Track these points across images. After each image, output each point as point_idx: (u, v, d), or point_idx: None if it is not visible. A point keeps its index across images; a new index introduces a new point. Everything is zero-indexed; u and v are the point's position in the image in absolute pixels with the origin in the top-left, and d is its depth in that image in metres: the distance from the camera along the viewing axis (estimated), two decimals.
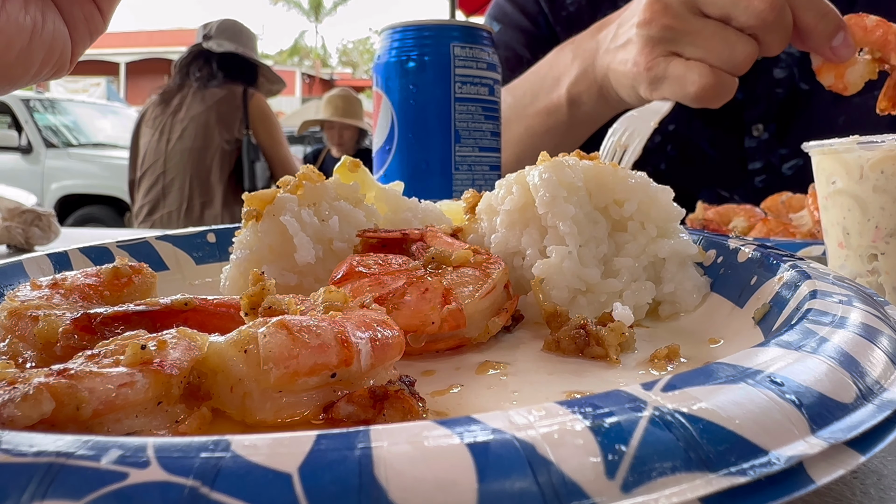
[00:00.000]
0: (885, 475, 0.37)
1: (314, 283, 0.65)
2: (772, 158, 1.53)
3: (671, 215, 0.65)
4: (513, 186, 0.66)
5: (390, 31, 1.15)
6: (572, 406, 0.27)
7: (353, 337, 0.39)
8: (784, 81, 1.49)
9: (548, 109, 1.38)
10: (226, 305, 0.49)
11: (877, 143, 0.63)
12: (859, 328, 0.37)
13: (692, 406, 0.27)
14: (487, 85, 1.14)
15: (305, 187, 0.68)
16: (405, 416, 0.38)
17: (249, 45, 3.53)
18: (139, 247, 0.79)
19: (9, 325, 0.47)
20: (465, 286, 0.55)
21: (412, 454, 0.24)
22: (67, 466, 0.23)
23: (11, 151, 6.46)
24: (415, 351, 0.52)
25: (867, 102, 1.46)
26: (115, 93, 18.77)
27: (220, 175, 3.32)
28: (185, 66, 3.40)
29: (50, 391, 0.31)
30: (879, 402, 0.31)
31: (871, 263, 0.65)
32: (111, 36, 28.98)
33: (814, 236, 1.06)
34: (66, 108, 7.12)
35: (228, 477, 0.23)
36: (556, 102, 1.35)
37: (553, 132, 1.38)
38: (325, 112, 4.65)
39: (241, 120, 3.34)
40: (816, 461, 0.26)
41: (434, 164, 1.12)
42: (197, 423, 0.36)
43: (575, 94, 1.30)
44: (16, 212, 1.33)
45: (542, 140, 1.40)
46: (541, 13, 1.67)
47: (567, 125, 1.36)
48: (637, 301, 0.62)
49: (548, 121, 1.38)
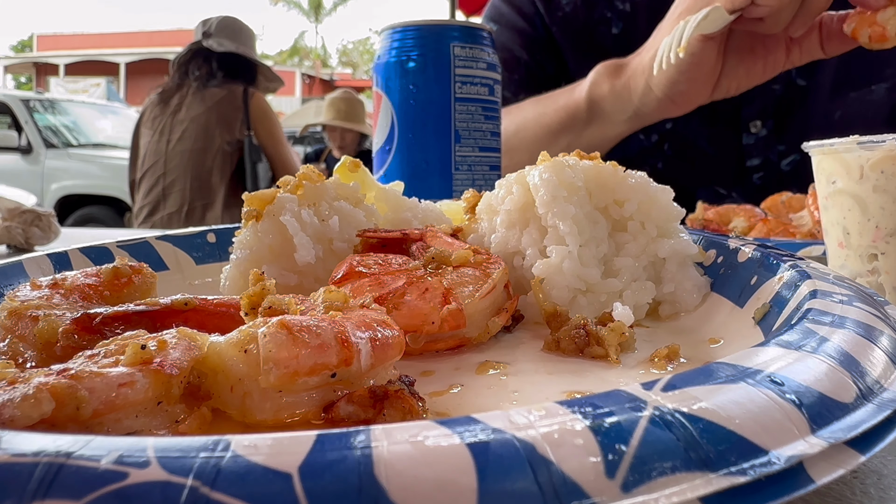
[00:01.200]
0: (885, 475, 0.37)
1: (314, 283, 0.65)
2: (770, 155, 1.53)
3: (671, 215, 0.65)
4: (513, 186, 0.66)
5: (390, 31, 1.15)
6: (572, 406, 0.27)
7: (353, 337, 0.39)
8: (781, 78, 1.49)
9: (567, 107, 1.39)
10: (226, 305, 0.49)
11: (877, 143, 0.63)
12: (859, 328, 0.37)
13: (692, 406, 0.27)
14: (487, 85, 1.14)
15: (305, 187, 0.68)
16: (405, 416, 0.38)
17: (249, 43, 3.51)
18: (139, 247, 0.79)
19: (9, 325, 0.47)
20: (465, 286, 0.55)
21: (412, 454, 0.24)
22: (67, 466, 0.23)
23: (11, 152, 6.45)
24: (415, 351, 0.52)
25: (864, 97, 1.46)
26: (115, 93, 18.77)
27: (220, 177, 3.31)
28: (184, 65, 3.39)
29: (50, 391, 0.31)
30: (879, 402, 0.31)
31: (871, 263, 0.65)
32: (111, 36, 28.98)
33: (814, 236, 1.06)
34: (66, 108, 7.12)
35: (228, 477, 0.23)
36: (576, 100, 1.37)
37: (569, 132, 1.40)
38: (328, 115, 4.63)
39: (242, 120, 3.33)
40: (816, 461, 0.26)
41: (434, 164, 1.12)
42: (197, 423, 0.36)
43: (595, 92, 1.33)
44: (16, 212, 1.33)
45: (558, 139, 1.41)
46: (537, 14, 1.68)
47: (585, 124, 1.37)
48: (637, 301, 0.62)
49: (566, 119, 1.40)
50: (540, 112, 1.47)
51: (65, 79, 23.87)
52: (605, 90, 1.31)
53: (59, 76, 24.36)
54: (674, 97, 1.18)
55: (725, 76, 1.14)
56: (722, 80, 1.14)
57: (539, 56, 1.69)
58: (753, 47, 1.11)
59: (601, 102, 1.33)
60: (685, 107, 1.20)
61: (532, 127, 1.46)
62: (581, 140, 1.39)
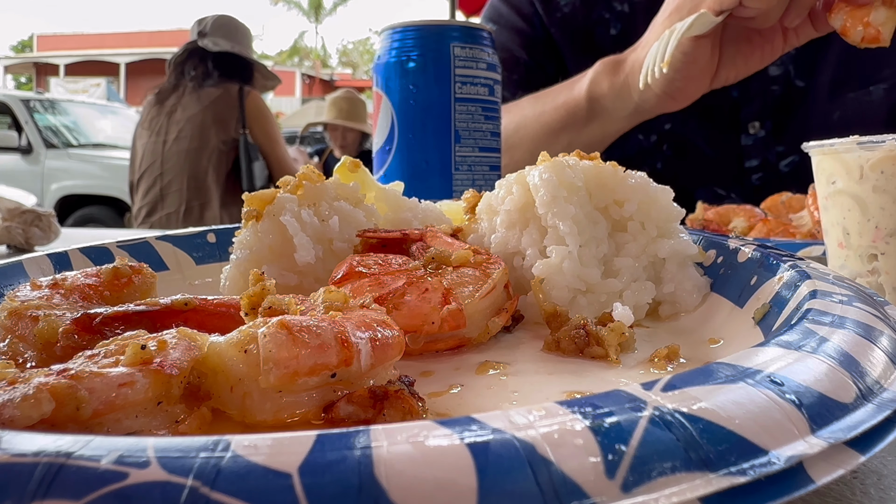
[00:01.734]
0: (885, 475, 0.37)
1: (314, 283, 0.65)
2: (768, 156, 1.53)
3: (671, 215, 0.65)
4: (513, 186, 0.66)
5: (390, 31, 1.15)
6: (572, 406, 0.27)
7: (353, 337, 0.39)
8: (779, 79, 1.49)
9: (566, 104, 1.39)
10: (226, 305, 0.49)
11: (877, 144, 0.63)
12: (859, 328, 0.37)
13: (692, 406, 0.27)
14: (487, 85, 1.14)
15: (305, 187, 0.68)
16: (405, 416, 0.38)
17: (245, 41, 3.49)
18: (139, 247, 0.80)
19: (9, 325, 0.47)
20: (465, 286, 0.55)
21: (412, 454, 0.24)
22: (67, 466, 0.23)
23: (11, 152, 6.46)
24: (415, 351, 0.52)
25: (862, 98, 1.46)
26: (115, 93, 18.77)
27: (216, 176, 3.30)
28: (181, 65, 3.38)
29: (50, 391, 0.31)
30: (879, 402, 0.31)
31: (871, 263, 0.65)
32: (111, 36, 28.97)
33: (814, 236, 1.06)
34: (66, 108, 7.12)
35: (228, 477, 0.23)
36: (576, 97, 1.37)
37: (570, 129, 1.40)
38: (329, 114, 4.64)
39: (238, 119, 3.32)
40: (816, 461, 0.26)
41: (434, 164, 1.12)
42: (197, 423, 0.36)
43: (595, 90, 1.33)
44: (16, 212, 1.33)
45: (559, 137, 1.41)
46: (535, 14, 1.68)
47: (585, 121, 1.37)
48: (637, 301, 0.62)
49: (566, 117, 1.40)
50: (539, 111, 1.47)
51: (65, 79, 23.88)
52: (604, 88, 1.31)
53: (59, 76, 24.36)
54: (672, 93, 1.18)
55: (724, 66, 1.13)
56: (720, 70, 1.14)
57: (538, 56, 1.69)
58: (750, 36, 1.10)
59: (601, 100, 1.33)
60: (684, 101, 1.20)
61: (532, 125, 1.46)
62: (582, 137, 1.39)
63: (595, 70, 1.34)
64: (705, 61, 1.10)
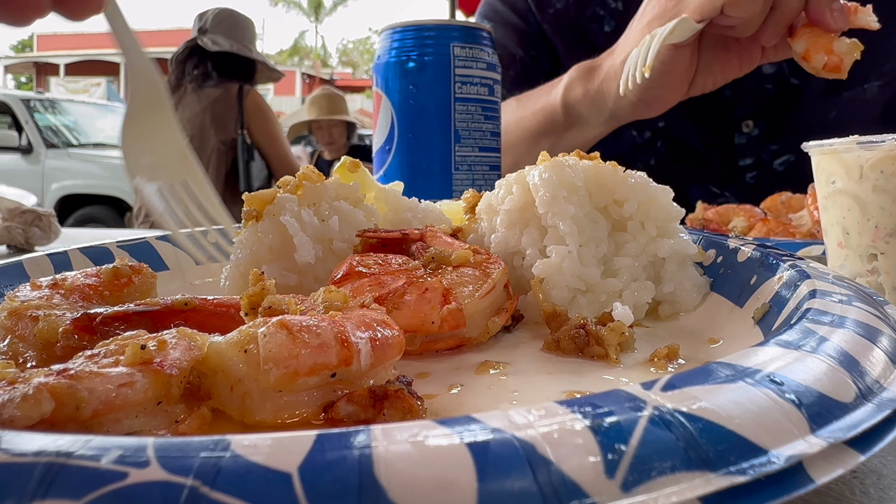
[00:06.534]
0: (885, 475, 0.37)
1: (314, 283, 0.65)
2: (762, 155, 1.52)
3: (671, 215, 0.65)
4: (513, 186, 0.66)
5: (390, 31, 1.15)
6: (572, 406, 0.27)
7: (353, 337, 0.39)
8: (773, 77, 1.48)
9: (544, 110, 1.39)
10: (226, 305, 0.49)
11: (876, 143, 0.63)
12: (859, 328, 0.37)
13: (692, 405, 0.27)
14: (487, 85, 1.14)
15: (305, 187, 0.68)
16: (405, 416, 0.38)
17: (246, 37, 3.42)
18: (139, 247, 0.80)
19: (9, 325, 0.47)
20: (465, 286, 0.55)
21: (412, 454, 0.24)
22: (67, 466, 0.23)
23: (11, 151, 6.46)
24: (415, 351, 0.52)
25: (857, 97, 1.46)
26: (115, 93, 18.74)
27: (215, 176, 3.28)
28: (181, 63, 3.35)
29: (50, 391, 0.31)
30: (879, 402, 0.31)
31: (870, 263, 0.65)
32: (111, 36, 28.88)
33: (814, 236, 1.06)
34: (67, 108, 7.13)
35: (228, 477, 0.23)
36: (552, 102, 1.37)
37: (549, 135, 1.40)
38: (311, 113, 4.63)
39: (237, 119, 3.31)
40: (816, 460, 0.26)
41: (434, 164, 1.12)
42: (197, 423, 0.36)
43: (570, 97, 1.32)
44: (16, 212, 1.33)
45: (539, 142, 1.41)
46: (530, 10, 1.68)
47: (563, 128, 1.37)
48: (637, 301, 0.62)
49: (544, 122, 1.40)
50: (519, 115, 1.46)
51: (65, 79, 23.87)
52: (578, 94, 1.30)
53: (59, 76, 24.35)
54: (648, 101, 1.16)
55: (700, 74, 1.12)
56: (697, 77, 1.12)
57: (534, 52, 1.69)
58: (727, 44, 1.09)
59: (576, 107, 1.32)
60: (660, 109, 1.19)
61: (513, 130, 1.45)
62: (562, 142, 1.38)
63: (569, 76, 1.32)
64: (683, 69, 1.09)
